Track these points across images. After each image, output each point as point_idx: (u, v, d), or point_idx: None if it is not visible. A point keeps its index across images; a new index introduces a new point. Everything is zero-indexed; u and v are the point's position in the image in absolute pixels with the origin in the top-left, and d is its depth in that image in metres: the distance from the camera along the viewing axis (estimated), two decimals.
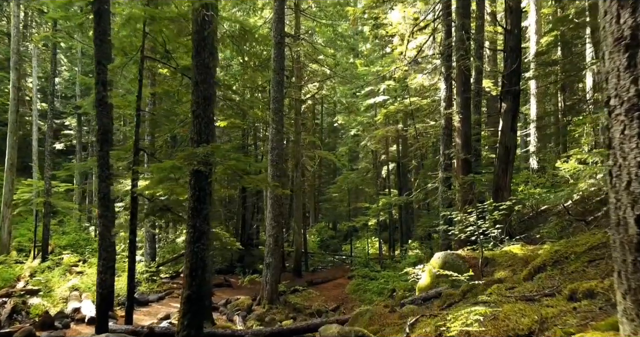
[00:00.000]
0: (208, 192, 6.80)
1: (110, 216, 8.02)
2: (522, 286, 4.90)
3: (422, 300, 7.64)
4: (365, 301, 15.88)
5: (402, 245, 24.47)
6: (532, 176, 21.67)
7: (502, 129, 12.29)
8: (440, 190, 12.74)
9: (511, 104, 12.20)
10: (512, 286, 4.96)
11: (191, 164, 6.32)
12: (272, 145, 14.41)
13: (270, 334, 8.00)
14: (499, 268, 7.65)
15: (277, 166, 14.31)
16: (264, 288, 14.17)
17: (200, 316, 6.57)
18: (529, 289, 4.50)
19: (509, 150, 12.14)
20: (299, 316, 13.98)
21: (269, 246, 14.21)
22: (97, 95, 7.94)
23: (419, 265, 10.04)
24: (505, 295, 4.47)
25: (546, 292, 4.10)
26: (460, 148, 12.49)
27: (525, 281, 5.49)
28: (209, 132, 6.85)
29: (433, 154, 23.14)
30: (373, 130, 23.99)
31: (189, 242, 6.70)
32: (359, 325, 7.15)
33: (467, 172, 12.38)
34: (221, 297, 16.09)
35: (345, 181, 27.14)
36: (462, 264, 8.20)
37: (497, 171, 12.34)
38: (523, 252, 8.04)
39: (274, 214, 14.18)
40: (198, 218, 6.69)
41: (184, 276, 6.65)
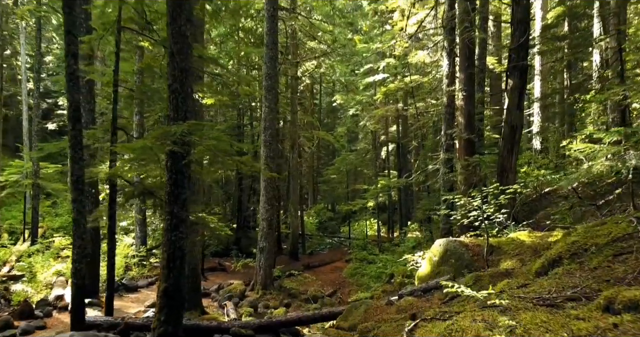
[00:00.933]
0: (187, 175, 6.16)
1: (85, 200, 7.38)
2: (536, 283, 4.29)
3: (421, 291, 7.07)
4: (362, 286, 15.42)
5: (402, 227, 23.98)
6: (535, 156, 21.04)
7: (508, 107, 11.57)
8: (442, 172, 12.10)
9: (518, 81, 11.45)
10: (524, 283, 4.35)
11: (163, 144, 5.66)
12: (265, 124, 13.72)
13: (258, 326, 7.47)
14: (505, 257, 7.06)
15: (270, 147, 13.65)
16: (258, 273, 13.67)
17: (178, 310, 6.01)
18: (546, 288, 3.88)
19: (515, 129, 11.45)
20: (293, 302, 13.51)
21: (262, 230, 13.65)
22: (68, 69, 7.21)
23: (418, 252, 9.47)
24: (518, 295, 3.86)
25: (569, 294, 3.49)
26: (463, 127, 11.80)
27: (538, 276, 4.88)
28: (187, 108, 6.16)
29: (434, 135, 22.41)
30: (372, 109, 23.23)
31: (166, 230, 6.08)
32: (352, 319, 6.60)
33: (471, 153, 11.72)
34: (214, 282, 15.61)
35: (344, 162, 26.50)
36: (464, 252, 7.62)
37: (502, 152, 11.67)
38: (531, 239, 7.44)
39: (267, 197, 13.58)
40: (176, 204, 6.05)
41: (161, 268, 6.07)
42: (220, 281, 15.87)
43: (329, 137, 23.82)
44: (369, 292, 12.75)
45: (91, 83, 11.40)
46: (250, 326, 7.49)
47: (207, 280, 15.74)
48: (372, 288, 14.17)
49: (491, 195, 7.90)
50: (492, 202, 8.02)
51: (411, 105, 21.38)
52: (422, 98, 20.04)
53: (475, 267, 7.36)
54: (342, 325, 6.65)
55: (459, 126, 11.95)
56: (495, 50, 21.22)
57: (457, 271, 7.47)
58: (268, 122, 13.67)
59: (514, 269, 6.24)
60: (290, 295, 14.10)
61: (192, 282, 10.62)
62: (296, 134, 20.87)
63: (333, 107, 39.08)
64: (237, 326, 7.44)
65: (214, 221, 9.09)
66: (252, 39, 22.18)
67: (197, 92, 10.07)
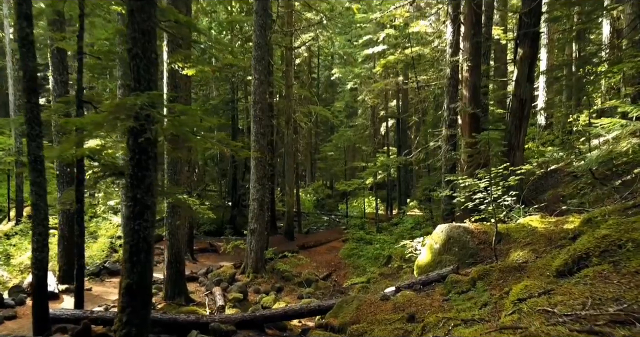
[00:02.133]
0: (152, 155, 5.32)
1: (44, 182, 6.57)
2: (561, 288, 3.51)
3: (421, 285, 6.34)
4: (359, 268, 14.77)
5: (401, 205, 23.27)
6: (540, 132, 20.15)
7: (517, 79, 10.66)
8: (444, 149, 11.26)
9: (528, 49, 10.51)
10: (547, 288, 3.56)
11: (117, 118, 4.81)
12: (255, 98, 12.80)
13: (241, 321, 6.77)
14: (515, 246, 6.30)
15: (260, 122, 12.76)
16: (249, 256, 12.99)
17: (144, 310, 5.27)
18: (577, 299, 3.10)
19: (524, 103, 10.57)
20: (286, 286, 12.87)
21: (253, 211, 12.89)
22: (20, 33, 6.30)
23: (417, 238, 8.70)
24: (543, 309, 3.08)
25: (612, 311, 2.71)
26: (468, 101, 10.90)
27: (560, 275, 4.11)
28: (150, 77, 5.27)
29: (435, 110, 21.45)
30: (371, 83, 22.19)
31: (128, 218, 5.29)
32: (343, 316, 5.87)
33: (476, 129, 10.86)
34: (204, 264, 14.95)
35: (342, 138, 25.60)
36: (469, 240, 6.85)
37: (509, 128, 10.82)
38: (544, 225, 6.66)
39: (258, 176, 12.78)
40: (139, 188, 5.24)
41: (123, 261, 5.30)
42: (211, 263, 15.22)
43: (326, 113, 22.84)
44: (364, 277, 12.10)
45: (63, 52, 10.46)
46: (232, 320, 6.80)
47: (197, 262, 15.09)
48: (369, 271, 13.53)
49: (499, 176, 7.08)
50: (500, 183, 7.21)
51: (412, 78, 20.35)
52: (424, 69, 18.99)
53: (481, 257, 6.62)
54: (332, 322, 5.93)
55: (463, 100, 11.04)
56: (501, 19, 20.06)
57: (460, 260, 6.73)
58: (258, 96, 12.75)
59: (527, 262, 5.48)
60: (282, 278, 13.47)
61: (175, 268, 9.93)
62: (291, 109, 19.91)
63: (331, 81, 37.89)
64: (217, 321, 6.74)
65: (195, 203, 8.29)
66: (244, 7, 21.00)
67: (175, 62, 9.14)
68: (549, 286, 3.66)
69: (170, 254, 9.87)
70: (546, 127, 21.30)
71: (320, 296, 12.33)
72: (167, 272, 9.94)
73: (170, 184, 9.73)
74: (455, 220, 11.36)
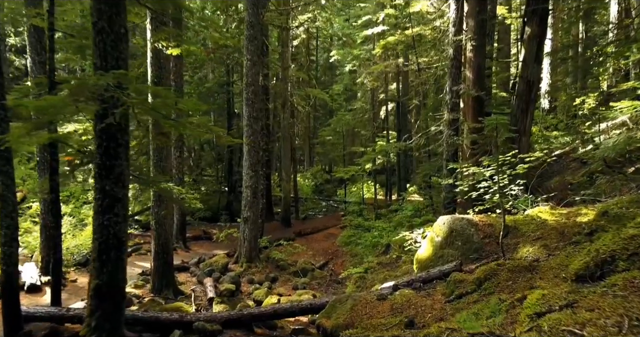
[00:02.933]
0: (122, 142, 4.77)
1: (12, 171, 6.03)
2: (586, 300, 2.99)
3: (421, 282, 5.84)
4: (356, 257, 14.34)
5: (400, 190, 22.76)
6: (543, 116, 19.53)
7: (525, 59, 10.04)
8: (446, 134, 10.69)
9: (537, 28, 9.86)
10: (569, 300, 3.05)
11: (77, 100, 4.24)
12: (248, 80, 12.17)
13: (227, 319, 6.30)
14: (524, 241, 5.79)
15: (253, 106, 12.16)
16: (242, 245, 12.53)
17: (116, 314, 4.78)
18: (610, 317, 2.59)
19: (532, 85, 9.97)
20: (281, 276, 12.44)
21: (246, 199, 12.39)
22: None
23: (417, 230, 8.18)
24: (567, 330, 2.57)
25: None
26: (472, 83, 10.29)
27: (580, 280, 3.59)
28: (119, 55, 4.69)
29: (435, 93, 20.75)
30: (370, 65, 21.49)
31: (96, 212, 4.77)
32: (336, 317, 5.39)
33: (479, 113, 10.27)
34: (197, 252, 14.52)
35: (340, 122, 24.98)
36: (473, 233, 6.34)
37: (514, 112, 10.25)
38: (555, 218, 6.14)
39: (251, 162, 12.24)
40: (108, 179, 4.70)
41: (92, 260, 4.80)
42: (204, 251, 14.78)
43: (324, 96, 22.21)
44: (362, 267, 11.64)
45: (40, 31, 9.82)
46: (218, 319, 6.33)
47: (190, 250, 14.66)
48: (367, 261, 13.09)
49: (506, 164, 6.53)
50: (507, 172, 6.67)
51: (412, 60, 19.64)
52: (425, 49, 18.29)
53: (487, 252, 6.11)
54: (324, 323, 5.46)
55: (467, 82, 10.44)
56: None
57: (464, 255, 6.23)
58: (251, 78, 12.12)
59: (539, 260, 4.97)
60: (278, 267, 13.03)
61: (163, 259, 9.46)
62: (288, 91, 19.26)
63: (330, 63, 37.10)
64: (202, 320, 6.28)
65: (181, 191, 7.77)
66: None
67: (158, 41, 8.52)
68: (570, 296, 3.14)
69: (157, 245, 9.39)
70: (550, 110, 20.67)
71: (316, 286, 11.91)
72: (154, 263, 9.47)
73: (156, 172, 9.20)
74: (457, 209, 10.86)
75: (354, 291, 10.98)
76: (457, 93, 10.73)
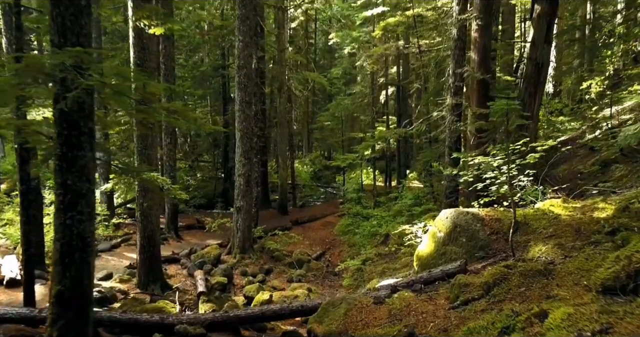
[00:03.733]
0: (86, 130, 4.21)
1: None
2: (620, 320, 2.48)
3: (422, 283, 5.34)
4: (354, 247, 13.88)
5: (400, 177, 22.23)
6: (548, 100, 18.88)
7: (534, 40, 9.40)
8: (448, 120, 10.10)
9: (547, 6, 9.20)
10: (603, 324, 2.54)
11: (28, 82, 3.68)
12: (240, 63, 11.54)
13: (211, 322, 5.83)
14: (535, 239, 5.27)
15: (246, 90, 11.55)
16: (235, 235, 12.05)
17: (81, 322, 4.28)
18: None
19: (541, 67, 9.36)
20: (276, 267, 12.00)
21: (239, 188, 11.87)
22: None
23: (418, 224, 7.65)
24: None
25: None
26: (477, 65, 9.67)
27: (609, 293, 3.07)
28: (80, 30, 4.10)
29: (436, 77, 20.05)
30: (370, 47, 20.75)
31: (58, 209, 4.23)
32: (328, 322, 4.90)
33: (485, 98, 9.68)
34: (189, 242, 14.04)
35: (339, 107, 24.26)
36: (479, 229, 5.82)
37: (522, 96, 9.64)
38: (569, 212, 5.61)
39: (243, 149, 11.68)
40: (70, 172, 4.15)
41: (53, 263, 4.28)
42: (197, 241, 14.31)
43: (322, 80, 21.49)
44: (359, 259, 11.18)
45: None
46: (201, 321, 5.85)
47: (182, 240, 14.19)
48: (364, 252, 12.63)
49: (516, 153, 5.98)
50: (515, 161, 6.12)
51: (413, 42, 18.91)
52: (427, 30, 17.56)
53: (494, 249, 5.60)
54: (316, 329, 4.97)
55: (472, 64, 9.82)
56: None
57: (469, 253, 5.72)
58: (243, 60, 11.49)
59: (554, 262, 4.45)
60: (272, 258, 12.58)
61: (149, 252, 8.98)
62: (284, 75, 18.57)
63: (330, 47, 36.23)
64: (184, 322, 5.80)
65: (166, 182, 7.23)
66: None
67: (140, 20, 7.89)
68: (602, 317, 2.62)
69: (142, 237, 8.89)
70: (555, 95, 20.04)
71: (312, 279, 11.47)
72: (139, 257, 8.99)
73: (140, 160, 8.65)
74: (459, 198, 10.35)
75: (350, 285, 10.56)
76: (461, 76, 10.12)
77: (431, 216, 11.29)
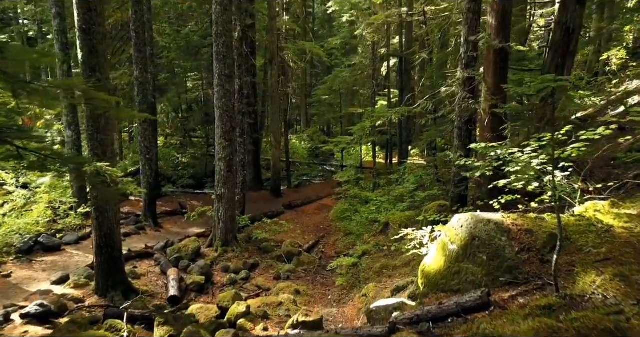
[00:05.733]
0: None
1: None
2: None
3: (430, 319, 4.02)
4: (350, 235, 12.59)
5: (402, 154, 20.79)
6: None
7: (564, 0, 7.84)
8: (459, 97, 8.60)
9: None
10: None
11: None
12: (218, 30, 10.00)
13: None
14: (582, 262, 3.92)
15: (225, 61, 10.03)
16: (216, 226, 10.76)
17: None
18: None
19: (572, 33, 7.81)
20: (262, 261, 10.76)
21: (220, 173, 10.51)
22: None
23: (424, 228, 6.27)
24: None
25: None
26: (495, 32, 8.10)
27: None
28: None
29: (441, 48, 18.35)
30: (371, 14, 18.98)
31: None
32: None
33: (503, 70, 8.19)
34: (169, 231, 12.78)
35: (337, 80, 22.57)
36: (505, 244, 4.46)
37: (547, 68, 8.13)
38: (624, 223, 4.25)
39: (224, 130, 10.26)
40: None
41: None
42: (179, 229, 13.04)
43: (318, 50, 19.81)
44: (354, 256, 9.90)
45: None
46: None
47: (161, 229, 12.91)
48: (361, 243, 11.38)
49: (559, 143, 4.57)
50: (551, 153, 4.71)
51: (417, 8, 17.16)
52: None
53: (525, 274, 4.25)
54: None
55: (488, 30, 8.25)
56: None
57: (491, 276, 4.39)
58: (221, 27, 9.93)
59: (623, 311, 3.09)
60: (260, 250, 11.33)
61: (108, 254, 7.68)
62: (275, 45, 16.93)
63: (329, 16, 34.20)
64: None
65: (116, 173, 5.86)
66: None
67: None
68: None
69: (98, 237, 7.58)
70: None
71: (303, 275, 10.24)
72: (96, 259, 7.70)
73: (92, 146, 7.26)
74: (469, 190, 8.97)
75: (344, 284, 9.30)
76: (475, 45, 8.57)
77: (436, 206, 9.97)
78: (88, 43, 7.11)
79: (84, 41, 7.10)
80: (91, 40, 7.11)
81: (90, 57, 7.15)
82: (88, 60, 7.15)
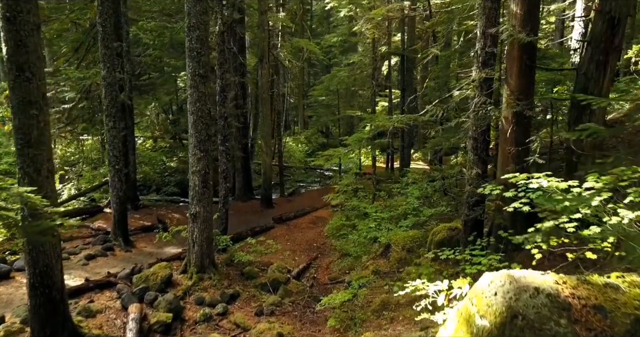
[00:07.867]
0: None
1: None
2: None
3: None
4: (347, 257, 11.12)
5: (403, 160, 19.33)
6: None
7: None
8: (475, 102, 7.13)
9: None
10: None
11: None
12: (190, 22, 8.54)
13: None
14: None
15: (199, 59, 8.58)
16: (191, 250, 9.32)
17: None
18: None
19: (616, 25, 6.35)
20: (244, 291, 9.28)
21: (194, 189, 9.05)
22: None
23: (437, 284, 4.77)
24: None
25: None
26: (520, 23, 6.64)
27: None
28: None
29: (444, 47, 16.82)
30: (370, 8, 17.52)
31: None
32: None
33: (530, 69, 6.74)
34: (141, 252, 11.32)
35: (334, 80, 21.13)
36: (565, 330, 2.99)
37: (585, 67, 6.68)
38: None
39: (198, 139, 8.80)
40: None
41: None
42: (153, 249, 11.58)
43: (314, 47, 18.36)
44: (350, 291, 8.43)
45: None
46: None
47: (133, 249, 11.44)
48: (359, 268, 9.95)
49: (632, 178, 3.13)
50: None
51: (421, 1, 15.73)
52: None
53: None
54: None
55: (512, 21, 6.78)
56: None
57: None
58: (194, 18, 8.48)
59: None
60: (242, 276, 9.87)
61: (45, 296, 6.24)
62: (266, 42, 15.47)
63: (328, 12, 32.81)
64: None
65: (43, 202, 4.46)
66: None
67: None
68: None
69: (32, 275, 6.13)
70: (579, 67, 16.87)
71: (290, 309, 8.77)
72: (30, 303, 6.25)
73: (22, 163, 5.82)
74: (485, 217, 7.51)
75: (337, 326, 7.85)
76: (494, 39, 7.12)
77: (445, 229, 8.51)
78: (14, 35, 5.69)
79: (9, 33, 5.68)
80: (18, 31, 5.68)
81: (18, 52, 5.72)
82: (14, 57, 5.73)
